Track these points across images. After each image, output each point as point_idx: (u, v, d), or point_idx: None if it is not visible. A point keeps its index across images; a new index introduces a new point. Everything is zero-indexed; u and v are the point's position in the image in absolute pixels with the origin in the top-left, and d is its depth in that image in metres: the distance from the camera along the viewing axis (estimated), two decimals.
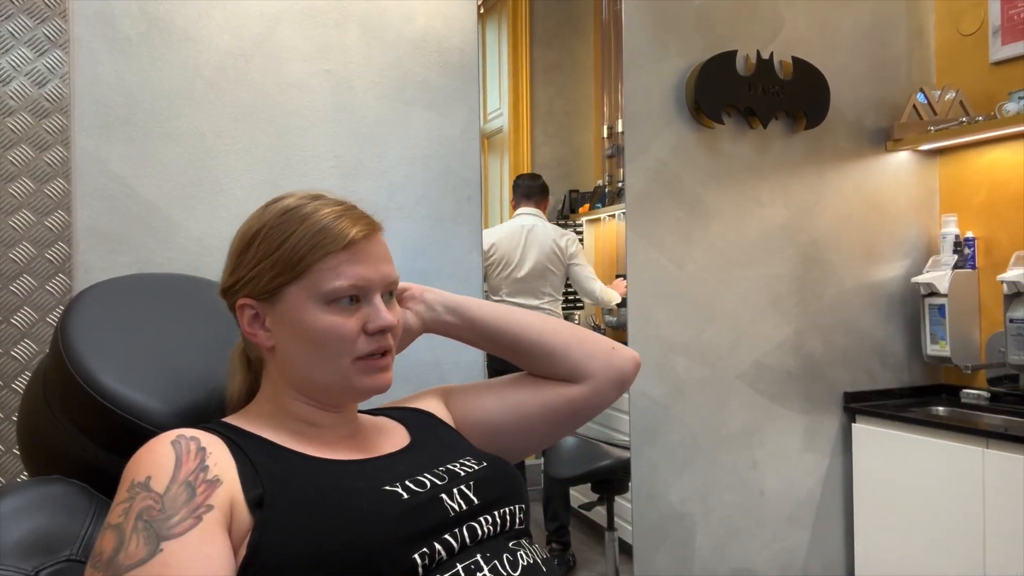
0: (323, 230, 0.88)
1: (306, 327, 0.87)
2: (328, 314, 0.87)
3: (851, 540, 2.35)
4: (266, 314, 0.90)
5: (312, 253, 0.87)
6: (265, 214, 0.92)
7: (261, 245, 0.89)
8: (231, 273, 0.92)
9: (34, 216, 1.54)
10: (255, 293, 0.90)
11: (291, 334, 0.89)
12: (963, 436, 2.04)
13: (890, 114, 2.42)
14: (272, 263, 0.88)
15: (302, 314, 0.88)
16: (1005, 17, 2.31)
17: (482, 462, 0.96)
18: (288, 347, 0.90)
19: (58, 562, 0.83)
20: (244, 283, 0.90)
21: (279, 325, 0.89)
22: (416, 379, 1.83)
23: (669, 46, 2.16)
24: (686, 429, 2.16)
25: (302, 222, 0.89)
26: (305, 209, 0.90)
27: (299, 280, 0.88)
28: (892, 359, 2.43)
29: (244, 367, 0.98)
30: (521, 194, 2.85)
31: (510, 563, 0.85)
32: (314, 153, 1.75)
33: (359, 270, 0.89)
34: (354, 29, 1.79)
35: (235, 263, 0.92)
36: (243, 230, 0.93)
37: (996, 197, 2.33)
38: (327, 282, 0.87)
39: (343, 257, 0.88)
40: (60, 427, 0.97)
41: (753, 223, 2.26)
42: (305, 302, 0.88)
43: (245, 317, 0.91)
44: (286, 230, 0.89)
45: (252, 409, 0.94)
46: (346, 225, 0.89)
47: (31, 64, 1.54)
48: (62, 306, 1.53)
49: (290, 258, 0.87)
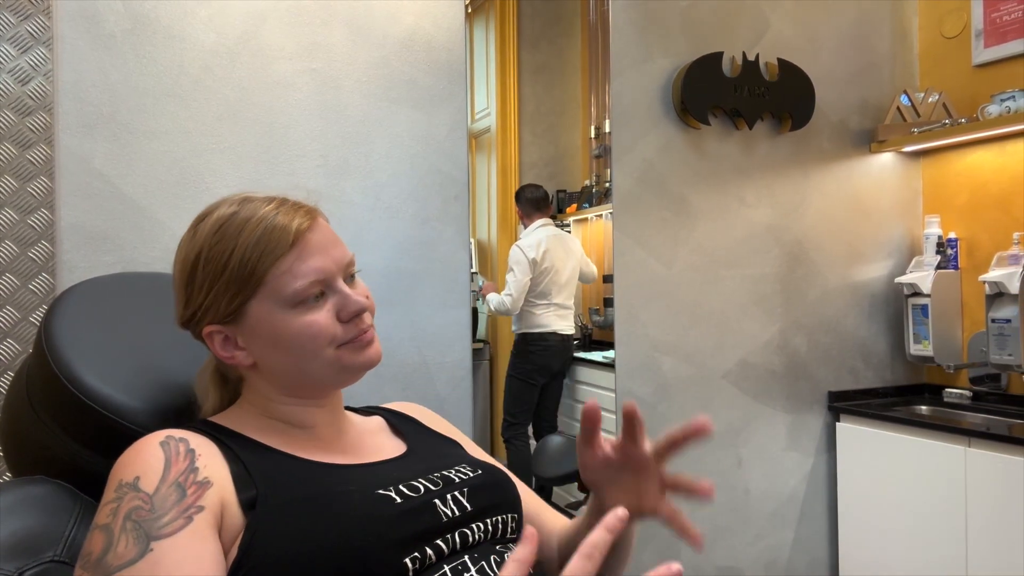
0: (264, 234, 0.84)
1: (281, 335, 0.85)
2: (298, 315, 0.84)
3: (835, 538, 2.36)
4: (236, 334, 0.87)
5: (261, 262, 0.83)
6: (197, 236, 0.87)
7: (206, 269, 0.85)
8: (185, 305, 0.88)
9: (17, 214, 1.52)
10: (218, 318, 0.86)
11: (268, 346, 0.86)
12: (945, 435, 2.06)
13: (874, 116, 2.44)
14: (225, 284, 0.84)
15: (273, 324, 0.85)
16: (988, 20, 2.34)
17: (477, 470, 0.95)
18: (269, 358, 0.87)
19: (42, 563, 0.82)
20: (203, 312, 0.86)
21: (253, 341, 0.87)
22: (404, 379, 1.83)
23: (656, 47, 2.17)
24: (672, 428, 2.17)
25: (239, 233, 0.85)
26: (237, 218, 0.86)
27: (258, 292, 0.84)
28: (875, 358, 2.45)
29: (218, 385, 0.95)
30: (533, 206, 2.99)
31: (497, 564, 0.84)
32: (300, 152, 1.75)
33: (314, 264, 0.85)
34: (340, 28, 1.79)
35: (185, 295, 0.88)
36: (180, 259, 0.89)
37: (978, 198, 2.36)
38: (286, 286, 0.84)
39: (293, 256, 0.84)
40: (43, 427, 0.96)
41: (739, 223, 2.27)
42: (271, 311, 0.84)
43: (216, 343, 0.88)
44: (226, 247, 0.84)
45: (237, 410, 0.93)
46: (285, 221, 0.85)
47: (14, 61, 1.52)
48: (45, 305, 1.52)
49: (240, 274, 0.84)
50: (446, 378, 1.87)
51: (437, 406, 1.83)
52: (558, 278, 2.93)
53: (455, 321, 1.88)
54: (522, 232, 3.00)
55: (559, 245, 2.96)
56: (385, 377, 1.80)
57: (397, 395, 1.80)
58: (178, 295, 0.90)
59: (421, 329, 1.85)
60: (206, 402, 0.95)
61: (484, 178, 3.15)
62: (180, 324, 0.91)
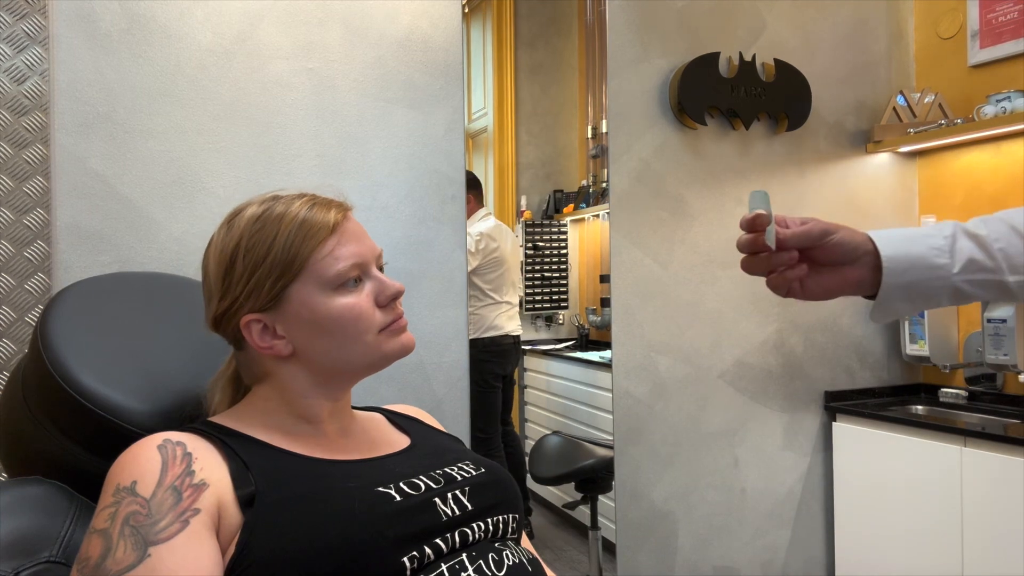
0: (305, 222, 0.88)
1: (324, 317, 0.87)
2: (339, 298, 0.88)
3: (831, 537, 2.37)
4: (275, 322, 0.89)
5: (304, 246, 0.87)
6: (234, 230, 0.90)
7: (247, 258, 0.88)
8: (222, 298, 0.89)
9: (13, 214, 1.52)
10: (258, 306, 0.88)
11: (310, 330, 0.88)
12: (941, 435, 2.06)
13: (870, 116, 2.45)
14: (267, 270, 0.87)
15: (315, 307, 0.87)
16: (983, 21, 2.34)
17: (480, 467, 0.95)
18: (311, 343, 0.89)
19: (38, 563, 0.82)
20: (243, 300, 0.88)
21: (294, 327, 0.88)
22: (400, 379, 1.83)
23: (653, 47, 2.17)
24: (669, 428, 2.18)
25: (279, 222, 0.88)
26: (275, 210, 0.90)
27: (300, 277, 0.87)
28: (871, 358, 2.46)
29: (229, 389, 0.97)
30: (478, 192, 2.86)
31: (495, 563, 0.85)
32: (296, 152, 1.75)
33: (352, 249, 0.89)
34: (337, 27, 1.78)
35: (223, 287, 0.89)
36: (216, 252, 0.91)
37: (974, 199, 2.36)
38: (329, 268, 0.87)
39: (333, 242, 0.88)
40: (40, 427, 0.96)
41: (735, 223, 2.25)
42: (313, 295, 0.87)
43: (254, 333, 0.89)
44: (268, 234, 0.88)
45: (240, 409, 0.93)
46: (323, 212, 0.90)
47: (10, 61, 1.52)
48: (41, 305, 1.51)
49: (284, 258, 0.87)
50: (443, 378, 1.87)
51: (434, 407, 1.84)
52: (509, 274, 2.83)
53: (452, 321, 1.88)
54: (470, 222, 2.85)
55: (507, 237, 2.84)
56: (382, 377, 1.80)
57: (394, 395, 1.79)
58: (214, 289, 0.91)
59: (418, 329, 1.85)
60: (211, 404, 0.96)
61: (481, 178, 3.14)
62: (212, 321, 0.92)
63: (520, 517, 0.96)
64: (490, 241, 2.78)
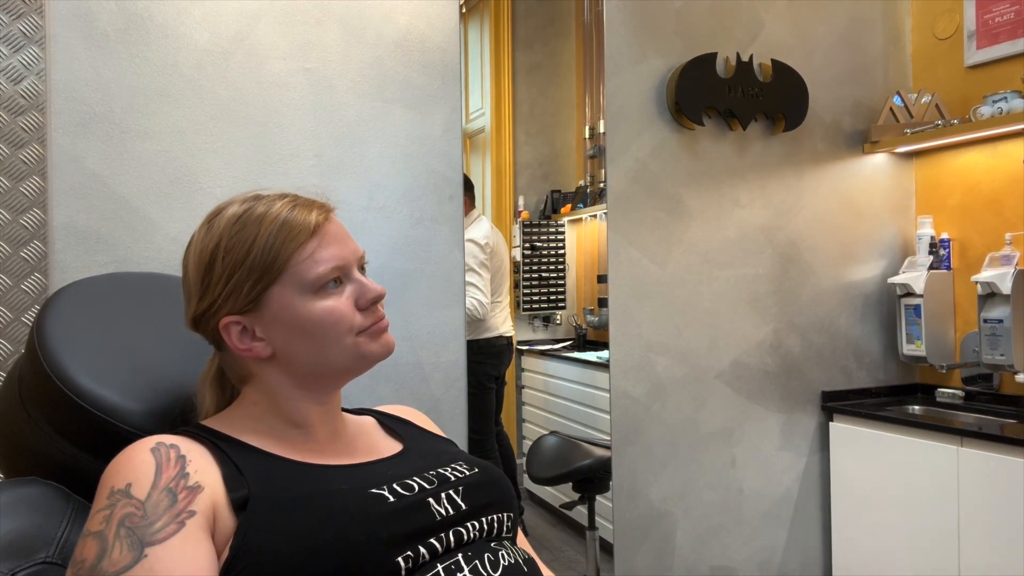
0: (285, 223, 0.87)
1: (303, 320, 0.87)
2: (319, 300, 0.87)
3: (828, 537, 2.37)
4: (255, 324, 0.88)
5: (284, 248, 0.86)
6: (214, 229, 0.89)
7: (226, 258, 0.87)
8: (201, 299, 0.89)
9: (9, 214, 1.52)
10: (237, 308, 0.87)
11: (289, 333, 0.87)
12: (938, 435, 2.07)
13: (867, 117, 2.45)
14: (247, 271, 0.86)
15: (295, 309, 0.87)
16: (980, 21, 2.35)
17: (474, 467, 0.95)
18: (289, 346, 0.88)
19: (34, 564, 0.82)
20: (222, 301, 0.87)
21: (273, 329, 0.88)
22: (398, 379, 1.82)
23: (650, 48, 2.17)
24: (666, 428, 2.18)
25: (260, 223, 0.87)
26: (256, 210, 0.88)
27: (280, 279, 0.86)
28: (868, 358, 2.46)
29: (216, 389, 0.96)
30: (471, 194, 2.77)
31: (491, 563, 0.85)
32: (294, 151, 1.75)
33: (333, 251, 0.88)
34: (335, 27, 1.78)
35: (202, 287, 0.89)
36: (196, 252, 0.90)
37: (970, 199, 2.37)
38: (309, 271, 0.86)
39: (314, 244, 0.87)
40: (36, 427, 0.96)
41: (732, 224, 2.27)
42: (293, 297, 0.87)
43: (233, 335, 0.88)
44: (248, 236, 0.87)
45: (232, 413, 0.92)
46: (304, 213, 0.88)
47: (6, 60, 1.52)
48: (38, 305, 1.51)
49: (263, 260, 0.86)
50: (441, 378, 1.87)
51: (432, 407, 1.84)
52: (503, 277, 2.81)
53: (449, 321, 1.88)
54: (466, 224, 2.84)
55: (501, 238, 2.84)
56: (379, 377, 1.80)
57: (391, 395, 1.79)
58: (193, 289, 0.90)
59: (415, 329, 1.85)
60: (202, 406, 0.95)
61: (479, 178, 3.14)
62: (191, 321, 0.91)
63: (515, 516, 0.96)
64: (497, 243, 2.79)
